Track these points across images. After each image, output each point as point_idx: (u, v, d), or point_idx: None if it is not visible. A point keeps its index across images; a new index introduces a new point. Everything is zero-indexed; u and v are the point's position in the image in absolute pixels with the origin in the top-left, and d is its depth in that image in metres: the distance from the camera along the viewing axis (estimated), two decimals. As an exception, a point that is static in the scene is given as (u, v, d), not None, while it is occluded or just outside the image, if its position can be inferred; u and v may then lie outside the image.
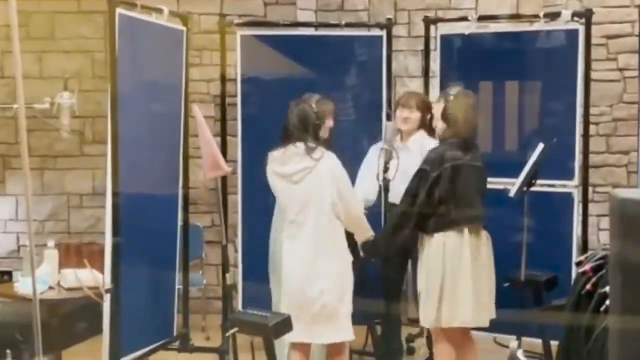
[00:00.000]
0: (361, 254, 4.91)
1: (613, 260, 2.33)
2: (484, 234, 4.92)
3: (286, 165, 4.74)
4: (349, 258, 4.78)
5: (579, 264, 3.60)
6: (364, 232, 4.93)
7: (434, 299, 4.79)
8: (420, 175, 4.83)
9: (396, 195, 4.99)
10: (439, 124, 4.96)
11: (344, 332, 4.76)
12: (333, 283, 4.69)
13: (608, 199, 3.59)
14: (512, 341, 3.23)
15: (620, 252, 2.26)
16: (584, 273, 3.54)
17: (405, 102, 5.57)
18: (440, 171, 4.76)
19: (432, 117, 5.27)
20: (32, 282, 3.03)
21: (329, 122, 4.96)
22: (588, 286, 3.47)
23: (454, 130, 4.87)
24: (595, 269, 3.65)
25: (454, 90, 4.95)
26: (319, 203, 4.70)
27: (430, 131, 5.41)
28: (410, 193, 4.83)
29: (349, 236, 4.88)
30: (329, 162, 4.72)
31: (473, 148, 4.95)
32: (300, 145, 4.71)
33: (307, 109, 4.79)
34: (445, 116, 4.89)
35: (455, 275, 4.76)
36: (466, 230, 4.80)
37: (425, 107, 5.50)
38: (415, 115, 5.51)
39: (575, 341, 3.47)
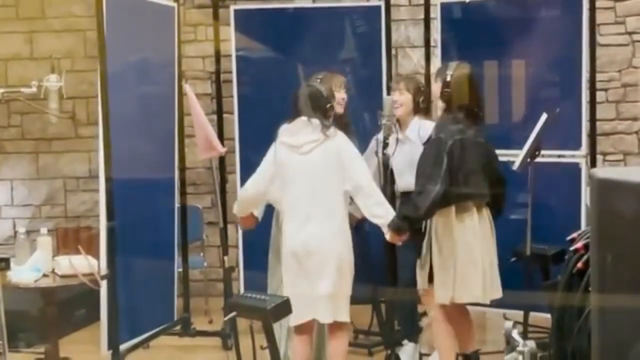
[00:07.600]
0: (387, 236, 4.63)
1: (592, 239, 2.35)
2: (486, 210, 4.74)
3: (296, 136, 4.62)
4: (349, 237, 4.63)
5: (572, 241, 3.43)
6: (384, 210, 4.61)
7: (448, 275, 4.64)
8: (436, 143, 4.60)
9: (405, 184, 4.87)
10: (438, 104, 4.78)
11: (339, 312, 4.60)
12: (331, 258, 4.55)
13: (589, 177, 3.42)
14: (506, 321, 3.13)
15: (599, 232, 2.29)
16: (576, 251, 3.37)
17: (393, 85, 5.30)
18: (453, 140, 4.57)
19: (425, 99, 5.15)
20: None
21: (341, 95, 4.98)
22: (579, 264, 3.30)
23: (455, 108, 4.66)
24: (588, 247, 3.47)
25: (450, 68, 4.74)
26: (326, 177, 4.57)
27: (427, 115, 5.19)
28: (430, 161, 4.57)
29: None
30: (341, 140, 4.60)
31: (477, 124, 4.74)
32: (315, 122, 4.59)
33: (317, 91, 4.66)
34: (444, 96, 4.71)
35: (466, 251, 4.62)
36: (475, 207, 4.65)
37: (416, 89, 5.16)
38: (406, 97, 5.12)
39: (568, 320, 3.34)
